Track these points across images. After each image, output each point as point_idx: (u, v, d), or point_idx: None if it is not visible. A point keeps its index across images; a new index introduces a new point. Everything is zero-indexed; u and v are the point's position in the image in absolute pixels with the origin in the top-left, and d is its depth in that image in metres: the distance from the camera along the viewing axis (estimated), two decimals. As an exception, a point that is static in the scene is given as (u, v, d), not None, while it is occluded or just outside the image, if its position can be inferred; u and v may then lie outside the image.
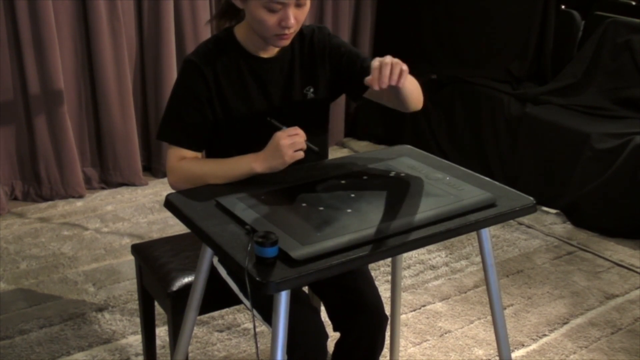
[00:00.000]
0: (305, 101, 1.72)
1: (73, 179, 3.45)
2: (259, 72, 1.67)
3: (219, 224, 1.40)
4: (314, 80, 1.73)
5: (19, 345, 2.27)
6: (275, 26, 1.54)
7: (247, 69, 1.66)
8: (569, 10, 3.86)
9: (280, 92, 1.70)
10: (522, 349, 2.34)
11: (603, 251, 3.03)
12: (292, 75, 1.70)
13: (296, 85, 1.71)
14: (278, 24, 1.54)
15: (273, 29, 1.55)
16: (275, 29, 1.55)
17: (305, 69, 1.72)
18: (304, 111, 1.72)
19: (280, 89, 1.70)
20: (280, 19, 1.53)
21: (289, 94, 1.70)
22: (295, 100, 1.71)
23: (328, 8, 4.16)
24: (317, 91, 1.73)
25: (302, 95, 1.72)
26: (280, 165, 1.56)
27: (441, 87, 4.01)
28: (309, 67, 1.72)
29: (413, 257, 2.93)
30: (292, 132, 1.55)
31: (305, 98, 1.72)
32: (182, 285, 1.78)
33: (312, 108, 1.73)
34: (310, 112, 1.73)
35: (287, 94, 1.70)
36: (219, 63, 1.64)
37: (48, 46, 3.22)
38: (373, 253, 1.31)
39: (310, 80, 1.72)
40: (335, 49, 1.73)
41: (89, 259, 2.85)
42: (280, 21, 1.53)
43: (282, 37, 1.57)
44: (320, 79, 1.73)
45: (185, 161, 1.64)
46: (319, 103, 1.75)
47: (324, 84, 1.74)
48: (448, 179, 1.62)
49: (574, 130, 3.31)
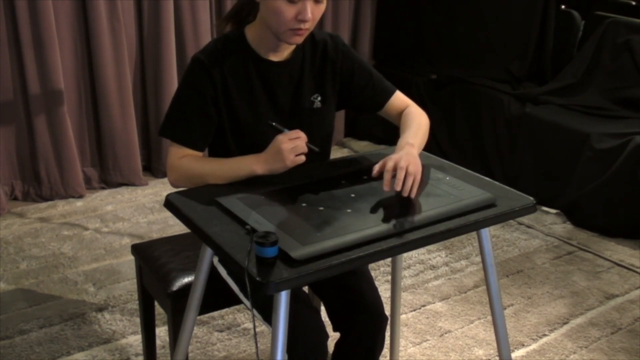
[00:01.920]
0: (311, 109, 1.71)
1: (73, 179, 3.45)
2: (267, 76, 1.66)
3: (219, 224, 1.40)
4: (322, 89, 1.72)
5: (19, 345, 2.27)
6: (292, 19, 1.53)
7: (255, 72, 1.65)
8: (569, 10, 3.86)
9: (287, 97, 1.69)
10: (522, 349, 2.34)
11: (603, 251, 3.03)
12: (301, 82, 1.69)
13: (304, 92, 1.70)
14: (295, 17, 1.52)
15: (289, 22, 1.53)
16: (292, 23, 1.53)
17: (314, 77, 1.71)
18: (310, 118, 1.71)
19: (288, 94, 1.69)
20: (298, 12, 1.52)
21: (295, 100, 1.69)
22: (301, 106, 1.70)
23: (328, 8, 4.15)
24: (324, 100, 1.72)
25: (309, 102, 1.71)
26: (281, 169, 1.57)
27: (441, 87, 4.01)
28: (319, 76, 1.71)
29: (413, 257, 2.93)
30: (294, 136, 1.55)
31: (312, 106, 1.71)
32: (182, 285, 1.78)
33: (318, 116, 1.72)
34: (315, 120, 1.71)
35: (294, 99, 1.69)
36: (227, 63, 1.63)
37: (48, 46, 3.22)
38: (373, 253, 1.31)
39: (319, 88, 1.71)
40: (348, 63, 1.73)
41: (89, 259, 2.85)
42: (297, 14, 1.52)
43: (296, 33, 1.55)
44: (328, 89, 1.72)
45: (185, 159, 1.63)
46: (325, 112, 1.74)
47: (332, 95, 1.74)
48: (448, 179, 1.62)
49: (574, 130, 3.31)
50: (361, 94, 1.76)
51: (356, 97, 1.76)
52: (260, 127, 1.66)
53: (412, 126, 1.69)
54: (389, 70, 4.38)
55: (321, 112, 1.73)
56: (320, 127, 1.73)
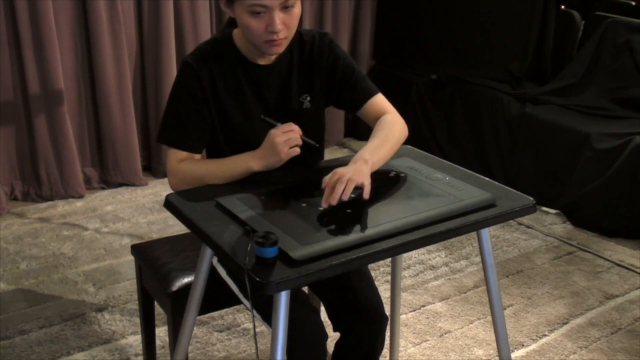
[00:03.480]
0: (301, 110, 1.71)
1: (73, 179, 3.45)
2: (255, 79, 1.66)
3: (219, 224, 1.40)
4: (310, 89, 1.71)
5: (19, 345, 2.27)
6: (263, 32, 1.51)
7: (243, 75, 1.65)
8: (569, 10, 3.86)
9: (276, 99, 1.69)
10: (522, 349, 2.34)
11: (603, 251, 3.03)
12: (289, 83, 1.69)
13: (293, 93, 1.69)
14: (265, 29, 1.50)
15: (262, 35, 1.51)
16: (263, 35, 1.51)
17: (302, 77, 1.70)
18: (300, 119, 1.69)
19: (277, 97, 1.69)
20: (266, 24, 1.50)
21: (285, 102, 1.69)
22: (291, 108, 1.70)
23: (328, 8, 4.16)
24: (313, 100, 1.72)
25: (298, 103, 1.70)
26: (277, 163, 1.56)
27: (441, 87, 4.01)
28: (307, 75, 1.70)
29: (413, 257, 2.93)
30: (287, 129, 1.55)
31: (302, 107, 1.71)
32: (182, 285, 1.78)
33: (308, 117, 1.72)
34: (306, 121, 1.70)
35: (283, 101, 1.69)
36: (215, 66, 1.63)
37: (48, 46, 3.22)
38: (373, 253, 1.31)
39: (307, 89, 1.71)
40: (333, 60, 1.70)
41: (89, 259, 2.85)
42: (266, 26, 1.50)
43: (272, 44, 1.54)
44: (317, 88, 1.72)
45: (184, 163, 1.64)
46: (315, 112, 1.74)
47: (320, 94, 1.73)
48: (448, 179, 1.62)
49: (574, 130, 3.31)
50: (341, 90, 1.72)
51: (337, 94, 1.73)
52: (251, 127, 1.66)
53: (379, 138, 1.61)
54: (389, 70, 4.40)
55: (311, 112, 1.72)
56: (311, 127, 1.72)
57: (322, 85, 1.72)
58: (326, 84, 1.73)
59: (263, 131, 1.60)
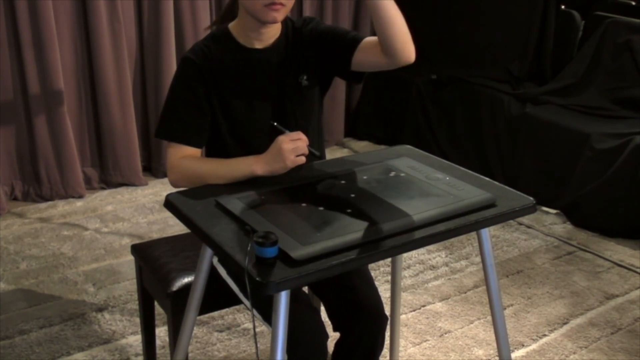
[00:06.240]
0: (300, 89, 1.73)
1: (73, 179, 3.45)
2: (254, 63, 1.69)
3: (219, 224, 1.40)
4: (306, 68, 1.74)
5: (19, 345, 2.27)
6: None
7: (242, 61, 1.68)
8: (569, 10, 3.86)
9: (276, 81, 1.71)
10: (522, 349, 2.34)
11: (603, 251, 3.03)
12: (287, 65, 1.72)
13: (290, 74, 1.72)
14: None
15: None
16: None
17: (298, 58, 1.73)
18: (300, 99, 1.73)
19: (276, 78, 1.71)
20: None
21: (284, 83, 1.72)
22: (290, 88, 1.72)
23: (328, 8, 4.16)
24: (310, 78, 1.74)
25: (296, 83, 1.73)
26: (282, 170, 1.57)
27: (441, 87, 4.01)
28: (301, 56, 1.73)
29: (413, 257, 2.93)
30: (295, 137, 1.56)
31: (300, 86, 1.73)
32: (182, 285, 1.78)
33: (307, 95, 1.75)
34: (305, 100, 1.74)
35: (282, 82, 1.72)
36: (215, 59, 1.66)
37: (48, 46, 3.22)
38: (373, 253, 1.31)
39: (304, 68, 1.73)
40: (322, 32, 1.73)
41: (89, 259, 2.85)
42: None
43: (271, 8, 1.56)
44: (312, 65, 1.74)
45: (185, 159, 1.64)
46: (313, 90, 1.76)
47: (316, 70, 1.75)
48: (448, 179, 1.62)
49: (574, 130, 3.31)
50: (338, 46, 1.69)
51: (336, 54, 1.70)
52: (254, 117, 1.69)
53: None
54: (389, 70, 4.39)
55: (310, 90, 1.75)
56: (310, 106, 1.76)
57: (317, 61, 1.73)
58: (322, 55, 1.72)
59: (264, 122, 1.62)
